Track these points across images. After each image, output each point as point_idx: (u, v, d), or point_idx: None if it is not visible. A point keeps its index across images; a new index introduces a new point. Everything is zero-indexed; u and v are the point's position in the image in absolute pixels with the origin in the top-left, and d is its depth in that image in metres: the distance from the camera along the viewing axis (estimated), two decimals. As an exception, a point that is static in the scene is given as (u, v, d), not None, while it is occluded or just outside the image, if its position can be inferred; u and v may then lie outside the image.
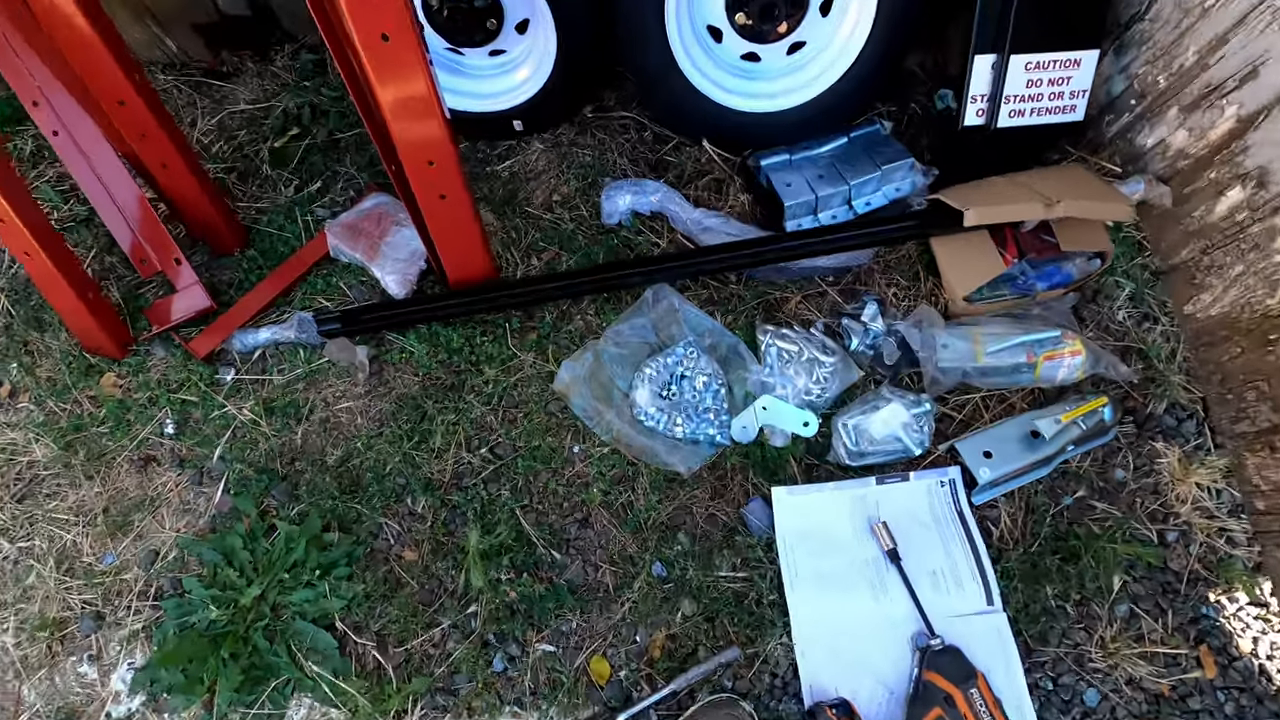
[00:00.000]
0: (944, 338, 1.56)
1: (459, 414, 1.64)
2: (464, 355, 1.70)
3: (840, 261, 1.70)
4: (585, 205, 1.87)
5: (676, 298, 1.67)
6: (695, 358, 1.62)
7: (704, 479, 1.54)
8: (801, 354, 1.60)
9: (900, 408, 1.49)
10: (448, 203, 1.54)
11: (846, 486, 1.46)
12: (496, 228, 1.86)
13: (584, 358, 1.62)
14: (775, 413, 1.57)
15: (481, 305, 1.70)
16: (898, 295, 1.68)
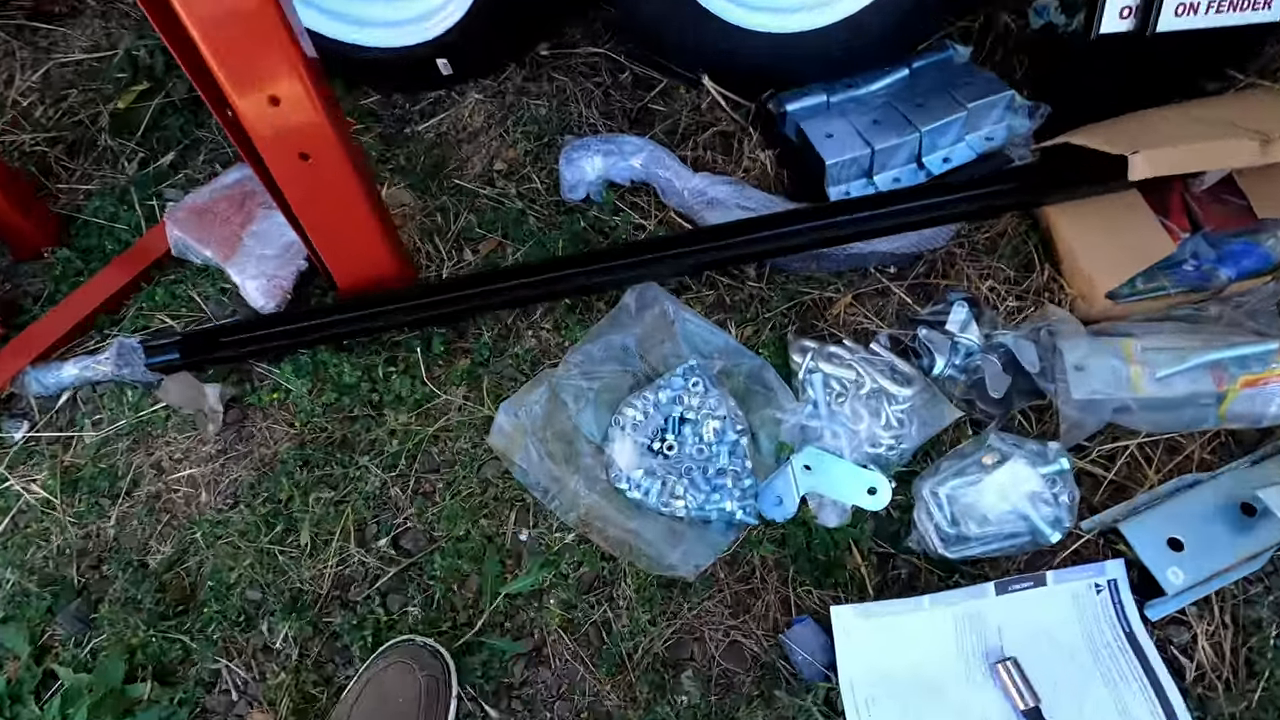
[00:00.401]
0: (1079, 354, 1.02)
1: (349, 486, 1.09)
2: (360, 395, 1.16)
3: (907, 244, 1.16)
4: (539, 175, 1.33)
5: (671, 303, 1.13)
6: (701, 392, 1.08)
7: (720, 582, 1.00)
8: (861, 383, 1.06)
9: (1024, 467, 0.96)
10: (315, 167, 1.00)
11: (947, 600, 0.92)
12: (414, 210, 1.32)
13: (534, 396, 1.07)
14: (825, 474, 1.03)
15: (387, 321, 1.16)
16: (996, 292, 1.14)
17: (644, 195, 1.29)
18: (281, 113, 0.93)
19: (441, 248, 1.29)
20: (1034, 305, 1.11)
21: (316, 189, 1.04)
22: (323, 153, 0.99)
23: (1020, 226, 1.16)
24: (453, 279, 1.14)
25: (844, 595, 0.97)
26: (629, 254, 1.12)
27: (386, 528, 1.06)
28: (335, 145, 0.99)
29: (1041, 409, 1.07)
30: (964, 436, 1.06)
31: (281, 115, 0.94)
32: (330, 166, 1.00)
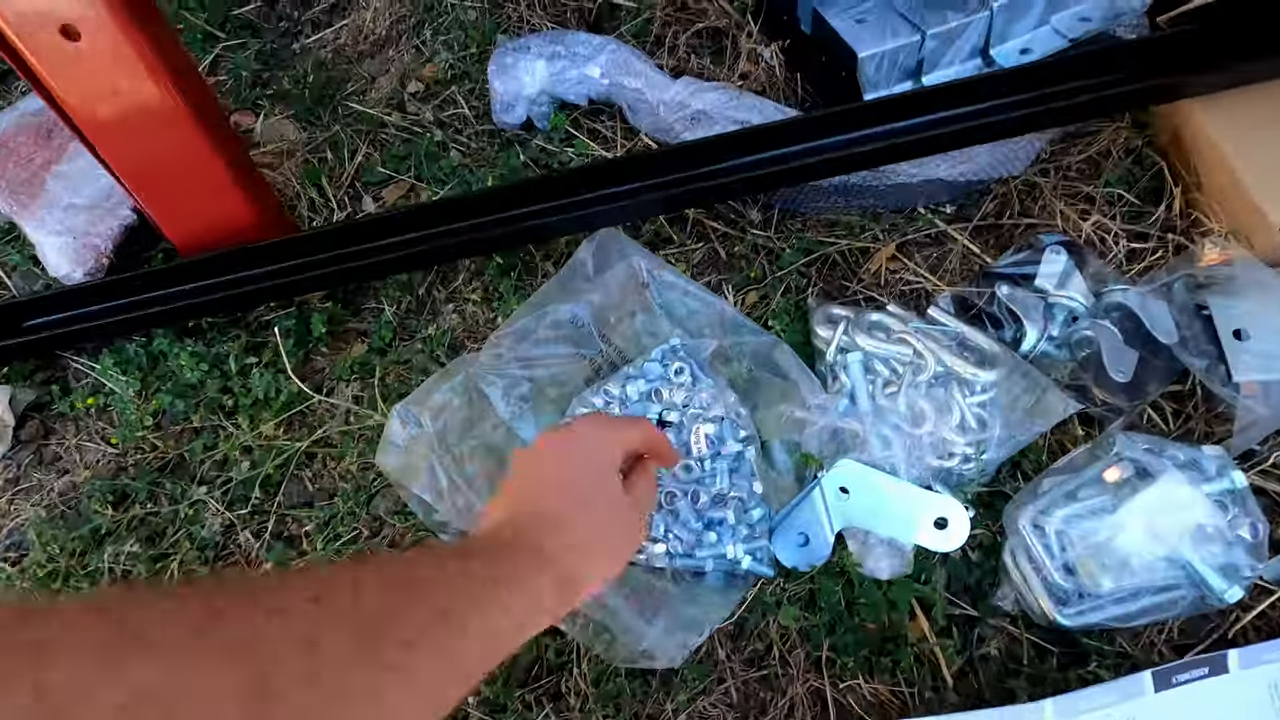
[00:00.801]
0: (1242, 316, 0.69)
1: (178, 531, 0.76)
2: (206, 398, 0.82)
3: (971, 170, 0.82)
4: (466, 97, 0.99)
5: (643, 258, 0.80)
6: (687, 383, 0.75)
7: (721, 666, 0.67)
8: (920, 365, 0.73)
9: (1183, 486, 0.62)
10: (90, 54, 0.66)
11: (1080, 705, 0.58)
12: (297, 145, 0.97)
13: (442, 394, 0.74)
14: (870, 500, 0.70)
15: (245, 293, 0.82)
16: (1105, 232, 0.80)
17: (605, 118, 0.95)
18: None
19: (332, 193, 0.94)
20: (1163, 249, 0.78)
21: (101, 91, 0.69)
22: (96, 30, 0.65)
23: (1133, 140, 0.83)
24: (338, 228, 0.80)
25: (909, 688, 0.64)
26: (580, 185, 0.78)
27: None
28: (119, 14, 0.65)
29: (1180, 397, 0.74)
30: (1070, 440, 0.72)
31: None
32: (112, 53, 0.66)
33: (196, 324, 0.86)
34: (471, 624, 0.35)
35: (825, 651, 0.66)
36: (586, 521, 0.45)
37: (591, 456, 0.49)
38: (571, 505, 0.45)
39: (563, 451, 0.49)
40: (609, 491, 0.48)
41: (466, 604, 0.35)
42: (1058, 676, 0.62)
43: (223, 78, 1.05)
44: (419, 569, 0.36)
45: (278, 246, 0.80)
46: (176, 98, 0.73)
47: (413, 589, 0.34)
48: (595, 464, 0.49)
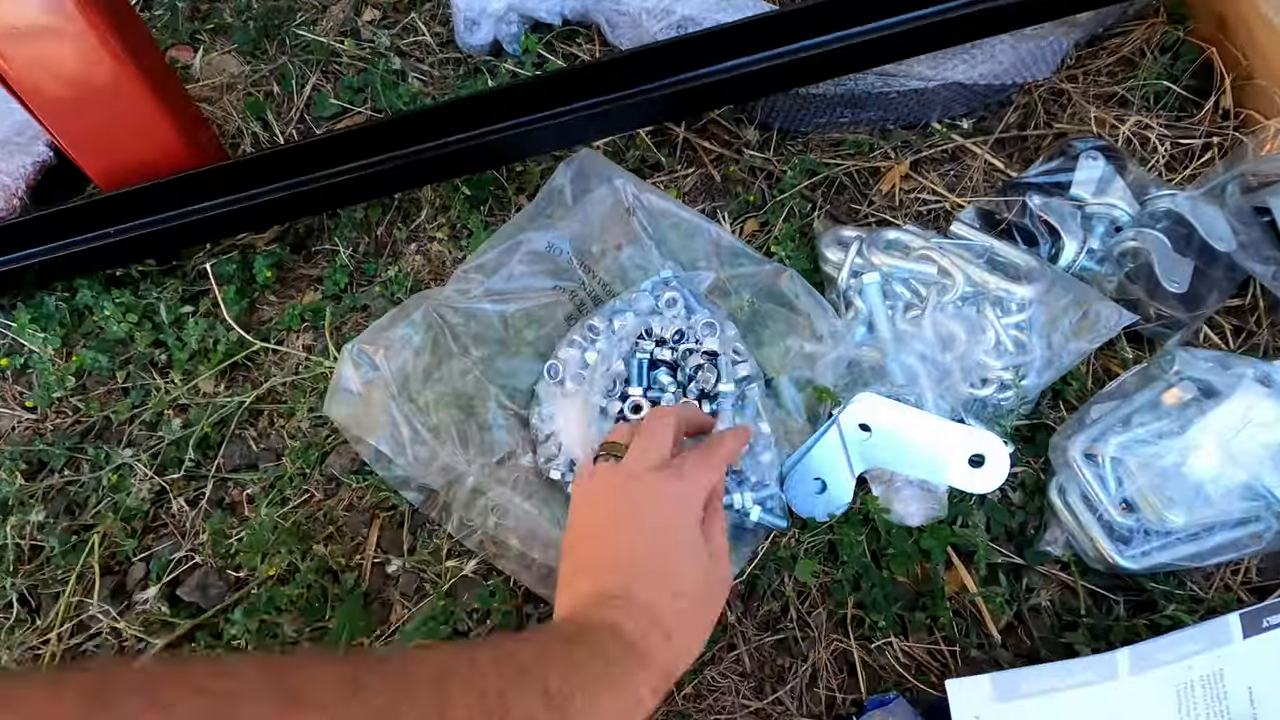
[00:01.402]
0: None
1: (102, 499, 0.66)
2: (136, 354, 0.72)
3: (991, 72, 0.73)
4: (427, 21, 0.90)
5: (627, 182, 0.70)
6: (681, 315, 0.66)
7: (732, 631, 0.58)
8: (947, 283, 0.64)
9: (1264, 401, 0.54)
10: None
11: (1158, 655, 0.49)
12: (239, 78, 0.87)
13: (401, 331, 0.64)
14: (895, 438, 0.61)
15: (178, 231, 0.72)
16: (1147, 133, 0.72)
17: (582, 40, 0.86)
18: None
19: (279, 129, 0.84)
20: (1212, 149, 0.69)
21: (11, 19, 0.60)
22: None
23: (1170, 35, 0.74)
24: (278, 152, 0.70)
25: (949, 646, 0.55)
26: (553, 95, 0.69)
27: (159, 566, 0.63)
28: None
29: (1239, 311, 0.65)
30: (1118, 364, 0.64)
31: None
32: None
33: (125, 273, 0.76)
34: (578, 709, 0.36)
35: (850, 609, 0.57)
36: (681, 608, 0.43)
37: (675, 527, 0.44)
38: (668, 594, 0.43)
39: (641, 521, 0.45)
40: (699, 562, 0.44)
41: (573, 692, 0.36)
42: (1125, 626, 0.53)
43: (158, 11, 0.95)
44: (525, 651, 0.37)
45: (211, 175, 0.70)
46: (97, 25, 0.63)
47: (524, 671, 0.35)
48: (683, 535, 0.44)
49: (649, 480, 0.45)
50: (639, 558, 0.43)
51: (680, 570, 0.43)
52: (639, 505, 0.45)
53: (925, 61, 0.70)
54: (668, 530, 0.44)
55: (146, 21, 0.93)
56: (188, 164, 0.74)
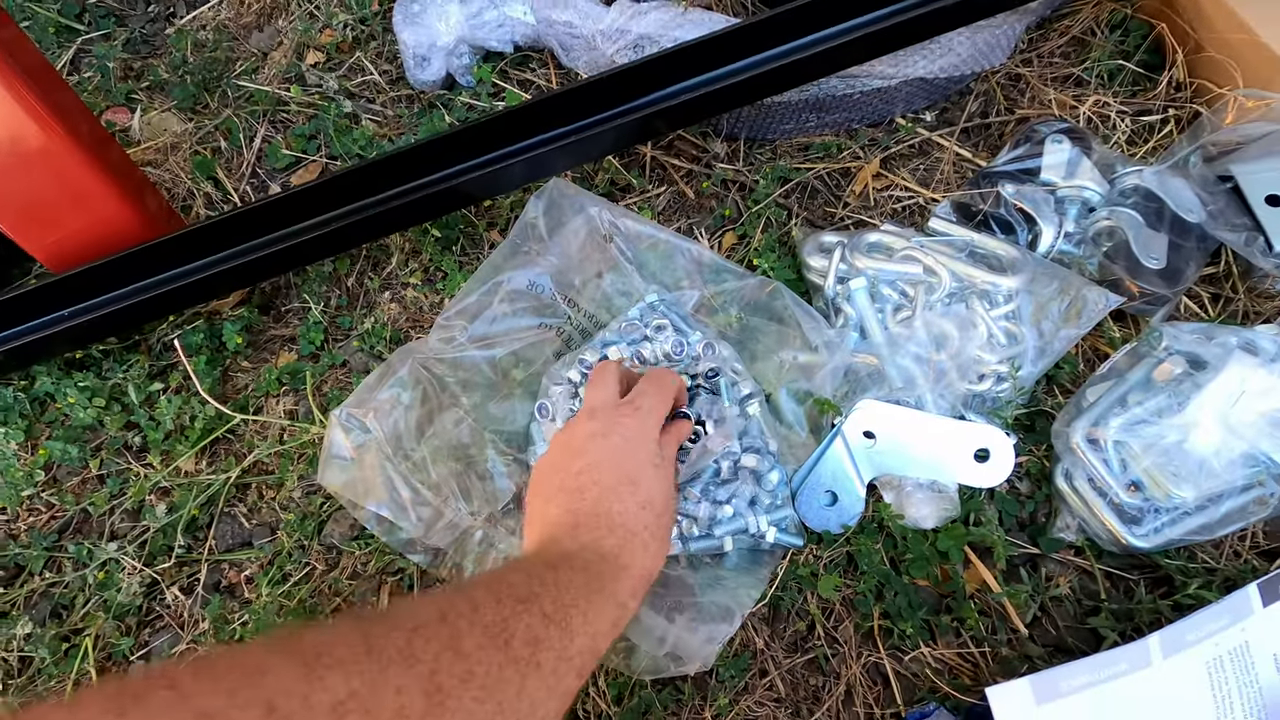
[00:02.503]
0: (1273, 180, 0.62)
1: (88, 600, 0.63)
2: (108, 440, 0.69)
3: (951, 64, 0.74)
4: (375, 60, 0.87)
5: (601, 209, 0.69)
6: (670, 338, 0.65)
7: (761, 656, 0.57)
8: (934, 281, 0.64)
9: (1258, 371, 0.55)
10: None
11: (1185, 635, 0.50)
12: (183, 136, 0.84)
13: (389, 390, 0.62)
14: (900, 442, 0.61)
15: (136, 307, 0.68)
16: (1106, 112, 0.73)
17: (536, 65, 0.84)
18: None
19: (231, 186, 0.81)
20: (1171, 121, 0.71)
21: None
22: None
23: (1117, 12, 0.75)
24: (238, 215, 0.67)
25: (978, 648, 0.55)
26: (514, 130, 0.67)
27: (160, 663, 0.60)
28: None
29: (1214, 279, 0.67)
30: (1107, 345, 0.65)
31: None
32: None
33: (85, 354, 0.73)
34: (575, 623, 0.39)
35: (876, 620, 0.57)
36: (649, 519, 0.47)
37: (636, 446, 0.49)
38: (636, 505, 0.47)
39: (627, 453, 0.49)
40: (663, 477, 0.49)
41: (568, 609, 0.39)
42: (1148, 607, 0.54)
43: (87, 74, 0.91)
44: (518, 582, 0.39)
45: (166, 246, 0.67)
46: (15, 88, 0.60)
47: (521, 600, 0.38)
48: (645, 453, 0.49)
49: (608, 412, 0.51)
50: (608, 477, 0.48)
51: (646, 484, 0.48)
52: (603, 433, 0.50)
53: (886, 60, 0.70)
54: (632, 450, 0.49)
55: (75, 85, 0.89)
56: (139, 234, 0.70)
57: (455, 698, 0.31)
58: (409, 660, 0.31)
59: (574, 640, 0.39)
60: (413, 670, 0.31)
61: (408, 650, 0.31)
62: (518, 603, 0.37)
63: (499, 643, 0.35)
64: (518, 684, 0.35)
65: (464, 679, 0.32)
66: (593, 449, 0.49)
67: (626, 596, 0.44)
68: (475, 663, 0.33)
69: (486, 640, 0.34)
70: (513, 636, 0.36)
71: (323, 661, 0.29)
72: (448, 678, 0.32)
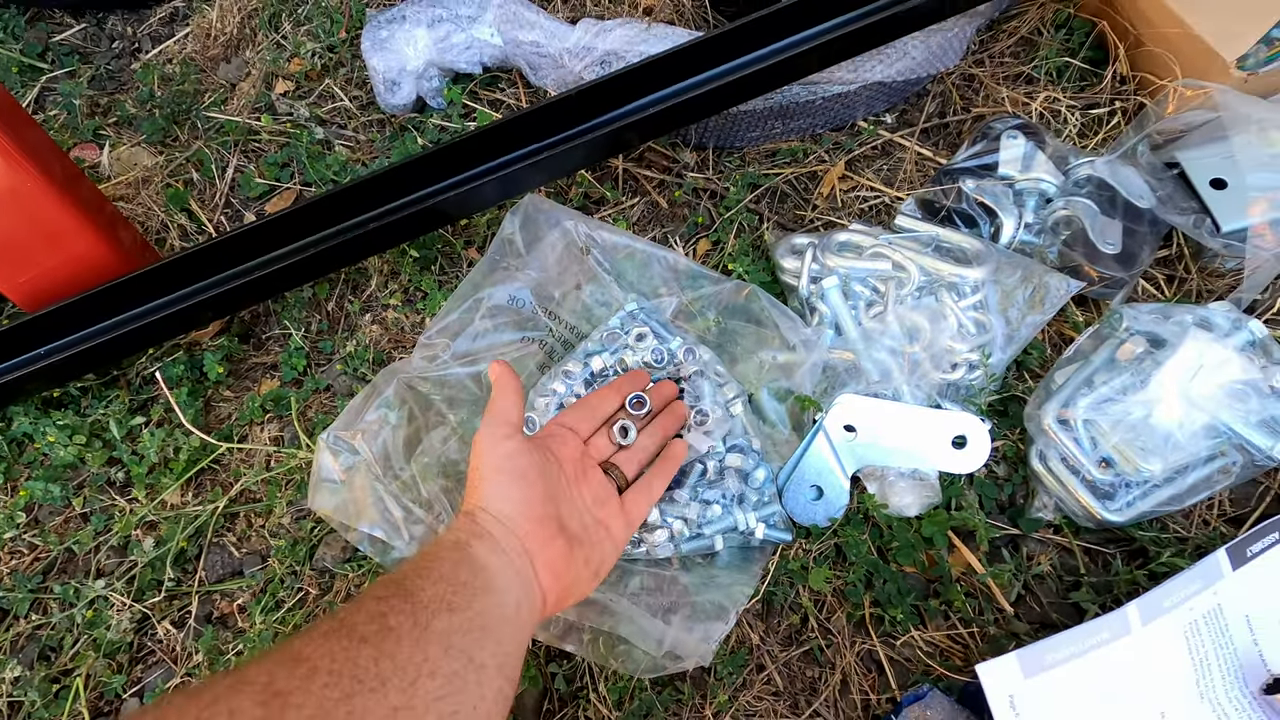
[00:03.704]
0: (1215, 164, 0.65)
1: (77, 639, 0.62)
2: (90, 477, 0.68)
3: (907, 68, 0.77)
4: (345, 86, 0.88)
5: (575, 220, 0.71)
6: (652, 347, 0.66)
7: (758, 651, 0.58)
8: (903, 276, 0.66)
9: (1214, 346, 0.57)
10: None
11: (1161, 602, 0.51)
12: (154, 170, 0.84)
13: (375, 411, 0.62)
14: (880, 433, 0.62)
15: (110, 342, 0.68)
16: (1056, 107, 0.76)
17: (505, 84, 0.86)
18: None
19: (205, 217, 0.81)
20: (1118, 114, 0.74)
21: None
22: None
23: (1061, 12, 0.79)
24: (213, 246, 0.67)
25: (967, 629, 0.57)
26: (484, 150, 0.68)
27: (154, 699, 0.59)
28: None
29: (1168, 261, 0.70)
30: (1070, 329, 0.67)
31: None
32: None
33: (63, 392, 0.72)
34: (413, 583, 0.40)
35: (867, 609, 0.58)
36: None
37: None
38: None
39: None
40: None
41: (406, 572, 0.41)
42: (1125, 578, 0.56)
43: (53, 112, 0.90)
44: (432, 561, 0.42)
45: (142, 279, 0.67)
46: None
47: (371, 597, 0.38)
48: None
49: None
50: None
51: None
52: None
53: (845, 67, 0.73)
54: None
55: (42, 124, 0.88)
56: (113, 269, 0.70)
57: (300, 693, 0.31)
58: (238, 684, 0.31)
59: (420, 592, 0.39)
60: (242, 690, 0.31)
61: (238, 678, 0.31)
62: (361, 599, 0.38)
63: (338, 634, 0.35)
64: (372, 654, 0.34)
65: (306, 676, 0.32)
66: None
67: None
68: (317, 660, 0.33)
69: (327, 639, 0.35)
70: (354, 624, 0.36)
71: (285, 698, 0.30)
72: (286, 680, 0.32)
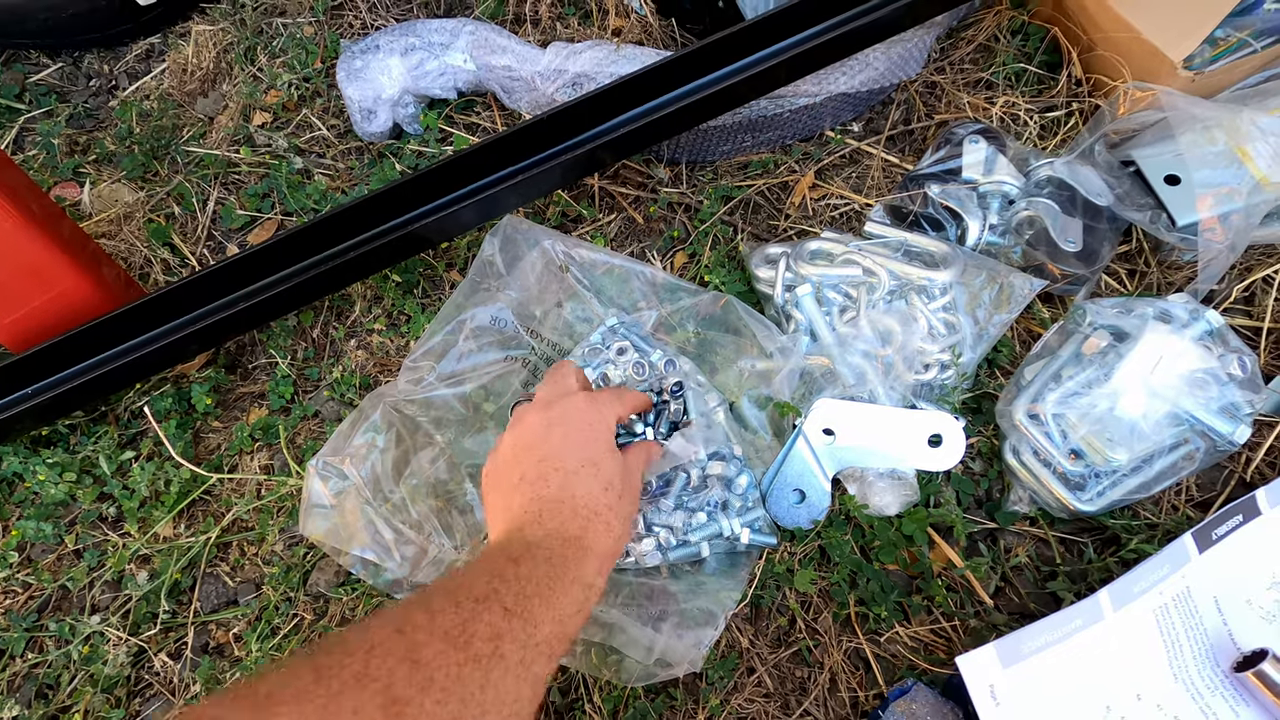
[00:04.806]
0: (1167, 160, 0.68)
1: (75, 675, 0.62)
2: (81, 513, 0.69)
3: (870, 78, 0.79)
4: (321, 116, 0.89)
5: (555, 241, 0.72)
6: (633, 361, 0.67)
7: (747, 655, 0.59)
8: (874, 281, 0.68)
9: (1172, 337, 0.59)
10: None
11: (1132, 588, 0.53)
12: (135, 206, 0.85)
13: (362, 436, 0.63)
14: (858, 435, 0.64)
15: (97, 379, 0.69)
16: (1015, 112, 0.78)
17: (480, 108, 0.87)
18: None
19: (188, 250, 0.82)
20: (1074, 116, 0.76)
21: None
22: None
23: (1016, 19, 0.81)
24: (196, 279, 0.68)
25: (949, 622, 0.59)
26: (461, 175, 0.70)
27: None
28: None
29: (1129, 256, 0.72)
30: (1037, 326, 0.69)
31: None
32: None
33: (52, 430, 0.72)
34: (538, 613, 0.40)
35: (853, 608, 0.60)
36: (612, 500, 0.48)
37: (596, 432, 0.51)
38: (599, 486, 0.48)
39: (576, 435, 0.50)
40: (619, 457, 0.51)
41: (530, 599, 0.40)
42: (1098, 566, 0.57)
43: (32, 152, 0.91)
44: (478, 582, 0.40)
45: (126, 316, 0.68)
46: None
47: (480, 599, 0.39)
48: (603, 436, 0.51)
49: (565, 401, 0.52)
50: (570, 462, 0.49)
51: (605, 464, 0.50)
52: (560, 420, 0.51)
53: (810, 80, 0.75)
54: (592, 434, 0.51)
55: (21, 164, 0.89)
56: (98, 306, 0.71)
57: (415, 705, 0.32)
58: (363, 681, 0.32)
59: (539, 628, 0.40)
60: (367, 690, 0.32)
61: (363, 672, 0.32)
62: (476, 603, 0.38)
63: (459, 644, 0.36)
64: (480, 680, 0.35)
65: (423, 686, 0.33)
66: (553, 437, 0.50)
67: (593, 577, 0.45)
68: (435, 669, 0.34)
69: (446, 645, 0.35)
70: (473, 636, 0.36)
71: (273, 700, 0.30)
72: (405, 688, 0.32)
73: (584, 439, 0.50)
